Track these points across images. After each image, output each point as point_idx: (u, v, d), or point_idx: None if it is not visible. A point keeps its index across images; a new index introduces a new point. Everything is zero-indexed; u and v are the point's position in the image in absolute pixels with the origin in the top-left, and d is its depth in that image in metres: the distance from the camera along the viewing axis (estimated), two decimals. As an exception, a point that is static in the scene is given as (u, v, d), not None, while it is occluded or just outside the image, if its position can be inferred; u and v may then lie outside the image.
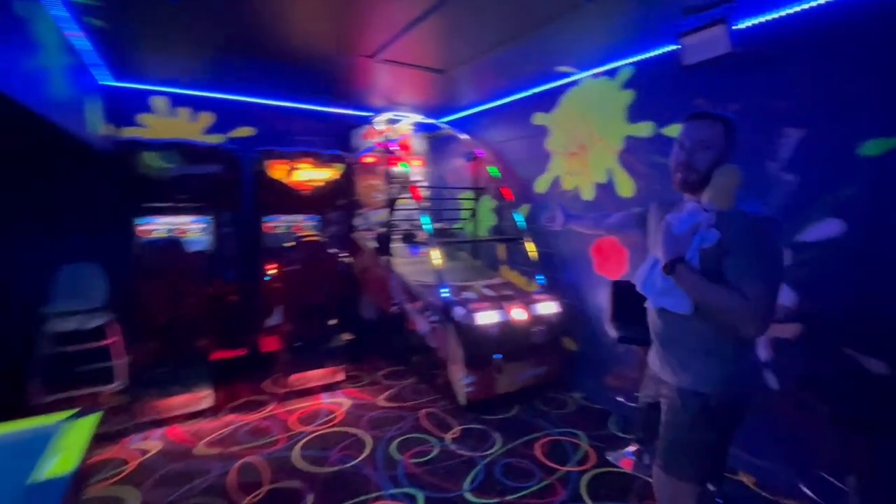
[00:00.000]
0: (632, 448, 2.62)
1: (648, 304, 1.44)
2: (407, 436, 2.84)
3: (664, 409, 1.40)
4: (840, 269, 2.10)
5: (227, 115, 4.17)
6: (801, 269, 2.23)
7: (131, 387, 2.99)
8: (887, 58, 1.93)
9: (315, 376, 3.42)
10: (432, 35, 2.76)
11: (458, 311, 3.06)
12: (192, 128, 4.03)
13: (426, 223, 3.48)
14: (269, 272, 3.86)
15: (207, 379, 3.16)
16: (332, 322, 3.57)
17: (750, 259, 1.18)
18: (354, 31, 2.74)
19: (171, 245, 3.13)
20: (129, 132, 3.79)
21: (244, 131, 4.26)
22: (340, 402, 3.32)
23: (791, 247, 2.26)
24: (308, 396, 3.38)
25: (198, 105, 4.04)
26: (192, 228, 3.65)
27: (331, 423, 2.99)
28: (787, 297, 2.28)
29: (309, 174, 3.87)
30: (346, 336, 3.94)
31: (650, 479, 2.39)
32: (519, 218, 3.87)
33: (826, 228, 2.14)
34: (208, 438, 2.79)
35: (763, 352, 2.37)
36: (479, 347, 3.03)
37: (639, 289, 1.42)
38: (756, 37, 2.32)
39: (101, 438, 1.66)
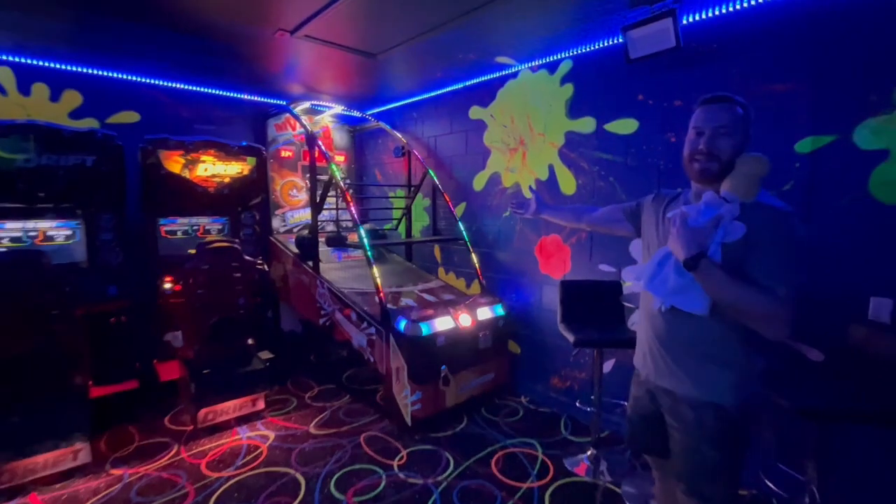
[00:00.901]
0: (588, 453, 2.54)
1: (650, 304, 1.33)
2: (348, 468, 2.48)
3: (674, 426, 1.28)
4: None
5: (103, 97, 3.41)
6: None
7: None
8: (820, 57, 2.02)
9: (230, 408, 2.88)
10: (363, 11, 2.42)
11: (401, 322, 2.75)
12: (53, 110, 3.22)
13: (362, 230, 3.12)
14: (168, 285, 3.21)
15: (83, 424, 2.50)
16: (249, 341, 3.05)
17: (780, 256, 1.10)
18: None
19: (25, 257, 2.41)
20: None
21: (126, 116, 3.52)
22: (263, 435, 2.84)
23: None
24: (222, 433, 2.84)
25: (60, 81, 3.24)
26: (57, 235, 2.90)
27: (253, 464, 2.51)
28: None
29: (214, 168, 3.28)
30: (265, 355, 3.43)
31: (610, 486, 2.31)
32: (461, 226, 3.66)
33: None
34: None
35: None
36: (425, 360, 2.75)
37: (643, 286, 1.31)
38: (701, 32, 2.34)
39: None
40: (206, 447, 2.69)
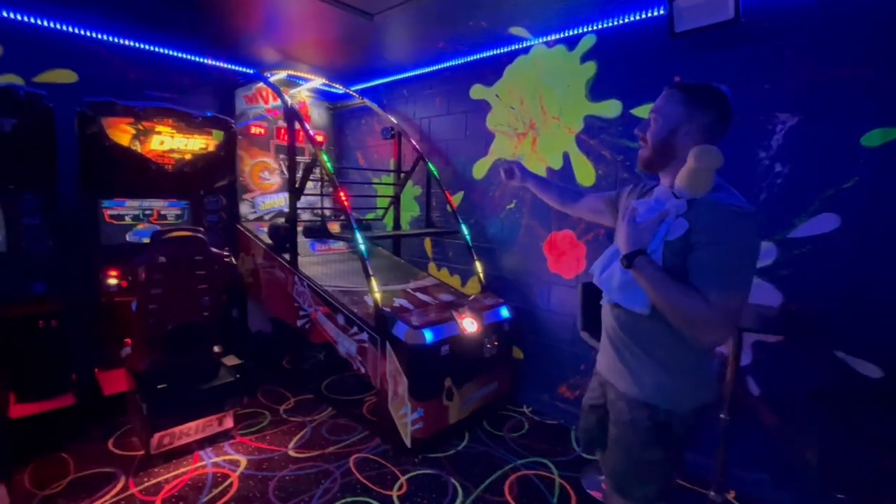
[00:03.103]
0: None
1: (603, 299, 1.33)
2: (339, 502, 2.09)
3: (612, 420, 1.27)
4: (832, 266, 1.96)
5: (29, 49, 2.78)
6: (787, 268, 2.07)
7: None
8: (894, 38, 1.79)
9: (191, 429, 2.42)
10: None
11: (401, 328, 2.37)
12: (-37, 61, 2.59)
13: (352, 219, 2.69)
14: (113, 280, 2.68)
15: (1, 452, 1.99)
16: (215, 349, 2.58)
17: (719, 259, 1.03)
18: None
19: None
20: None
21: (60, 75, 2.90)
22: (232, 460, 2.39)
23: (778, 243, 2.08)
24: (181, 458, 2.37)
25: (-29, 26, 2.60)
26: (-35, 217, 2.31)
27: (221, 501, 2.08)
28: (770, 296, 2.11)
29: (173, 142, 2.74)
30: (231, 360, 2.96)
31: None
32: (458, 218, 3.29)
33: (819, 223, 1.99)
34: (1, 567, 1.69)
35: (744, 356, 2.19)
36: (428, 373, 2.39)
37: (595, 280, 1.30)
38: (753, 7, 2.07)
39: None
40: (162, 478, 2.22)
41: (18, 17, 2.71)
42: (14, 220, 2.40)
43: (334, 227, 3.66)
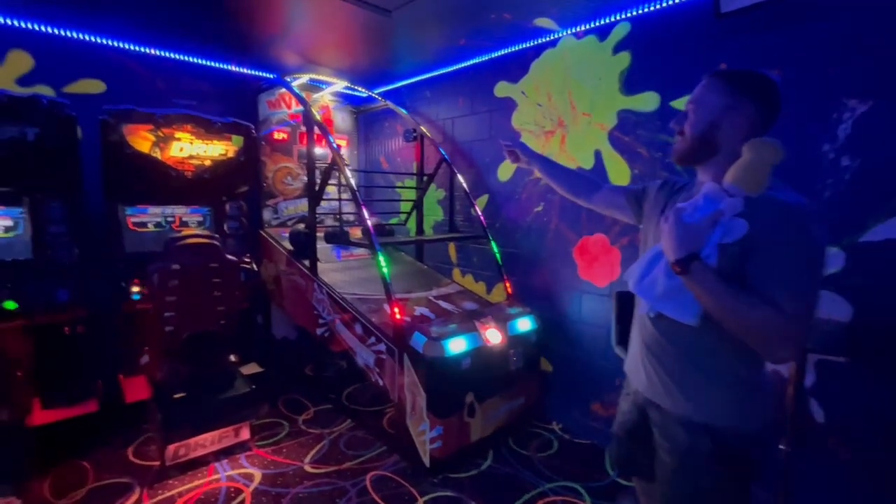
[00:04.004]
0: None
1: (640, 307, 1.20)
2: (352, 525, 1.98)
3: (663, 446, 1.10)
4: (914, 275, 1.68)
5: (60, 61, 2.84)
6: (857, 276, 1.80)
7: None
8: None
9: (207, 440, 2.36)
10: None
11: (419, 339, 2.24)
12: (-2, 74, 2.66)
13: (370, 224, 2.59)
14: (136, 288, 2.68)
15: (19, 462, 1.99)
16: (232, 358, 2.53)
17: (789, 262, 0.91)
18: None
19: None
20: None
21: (89, 86, 2.95)
22: (247, 474, 2.32)
23: (847, 248, 1.81)
24: (196, 470, 2.32)
25: (4, 39, 2.67)
26: (-6, 225, 2.35)
27: (233, 518, 2.01)
28: (838, 309, 1.83)
29: (192, 148, 2.72)
30: (251, 368, 2.92)
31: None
32: (482, 223, 3.13)
33: (897, 226, 1.71)
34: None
35: (807, 377, 1.92)
36: (448, 387, 2.25)
37: (631, 287, 1.14)
38: (814, -21, 1.82)
39: None
40: (176, 490, 2.17)
41: (49, 30, 2.77)
42: (40, 228, 2.43)
43: (356, 233, 3.58)
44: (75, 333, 2.52)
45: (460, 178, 3.21)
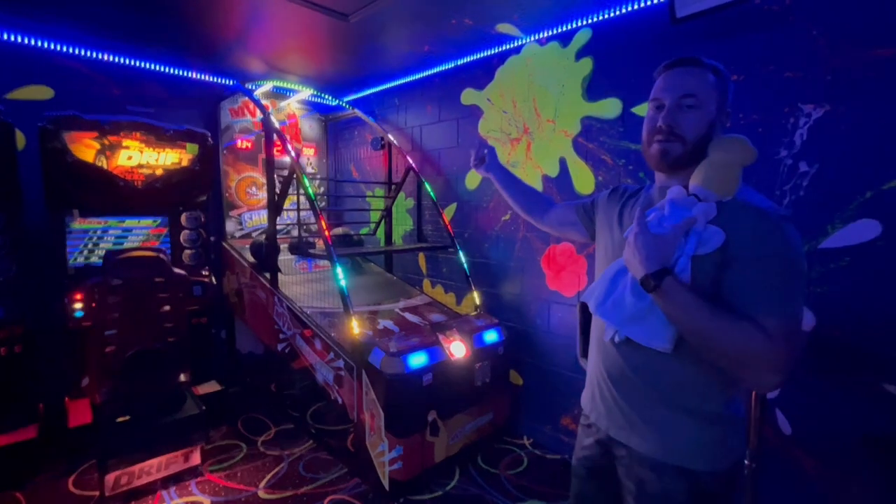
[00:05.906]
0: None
1: (600, 331, 1.05)
2: (303, 557, 1.85)
3: (630, 491, 0.98)
4: (874, 281, 1.65)
5: (1, 66, 2.70)
6: (820, 284, 1.77)
7: None
8: (940, 12, 1.51)
9: (152, 466, 2.21)
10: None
11: (377, 355, 2.13)
12: (-69, 79, 2.51)
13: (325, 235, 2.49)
14: (78, 305, 2.52)
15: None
16: (182, 378, 2.39)
17: (772, 275, 0.82)
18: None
19: None
20: None
21: (35, 92, 2.81)
22: (195, 502, 2.17)
23: (808, 255, 1.78)
24: (140, 500, 2.17)
25: (-59, 43, 2.53)
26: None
27: (173, 553, 1.86)
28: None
29: (142, 157, 2.59)
30: (209, 387, 2.78)
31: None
32: (450, 232, 3.06)
33: (856, 231, 1.68)
34: None
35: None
36: (408, 405, 2.14)
37: (593, 310, 1.00)
38: (767, -16, 1.81)
39: None
40: (116, 523, 2.02)
41: (-10, 34, 2.64)
42: (-27, 242, 2.28)
43: (321, 245, 3.48)
44: (12, 354, 2.36)
45: (427, 186, 3.14)
